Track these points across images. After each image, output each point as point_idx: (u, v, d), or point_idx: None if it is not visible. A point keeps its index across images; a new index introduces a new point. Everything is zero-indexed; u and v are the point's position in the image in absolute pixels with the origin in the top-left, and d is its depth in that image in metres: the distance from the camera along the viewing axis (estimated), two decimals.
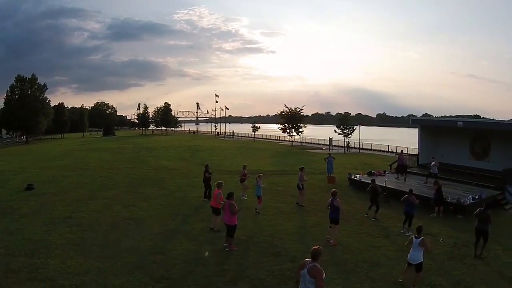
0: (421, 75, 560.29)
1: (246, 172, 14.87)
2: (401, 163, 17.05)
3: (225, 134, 74.39)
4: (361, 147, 39.62)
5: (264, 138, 60.71)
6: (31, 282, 6.73)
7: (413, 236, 7.07)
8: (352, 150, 37.45)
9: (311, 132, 66.65)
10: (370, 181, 12.85)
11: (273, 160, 29.64)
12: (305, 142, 48.91)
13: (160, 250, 8.58)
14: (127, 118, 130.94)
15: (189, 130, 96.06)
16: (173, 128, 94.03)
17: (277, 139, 56.21)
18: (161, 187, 16.72)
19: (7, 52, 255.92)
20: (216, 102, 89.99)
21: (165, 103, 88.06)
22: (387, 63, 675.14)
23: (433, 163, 15.63)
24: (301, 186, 13.60)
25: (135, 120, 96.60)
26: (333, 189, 10.04)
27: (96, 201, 13.43)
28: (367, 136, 62.55)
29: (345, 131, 40.07)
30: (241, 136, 69.20)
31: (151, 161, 27.03)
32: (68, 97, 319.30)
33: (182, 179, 18.73)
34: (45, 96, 60.71)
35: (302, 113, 45.36)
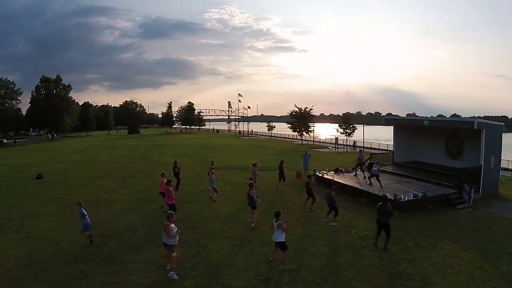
0: (452, 74, 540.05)
1: (213, 167, 17.95)
2: (361, 161, 19.10)
3: (245, 133, 78.17)
4: (367, 146, 41.20)
5: (280, 137, 63.36)
6: (16, 234, 10.63)
7: (274, 220, 8.71)
8: (358, 149, 39.17)
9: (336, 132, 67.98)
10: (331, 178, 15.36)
11: (269, 157, 32.38)
12: (316, 141, 50.95)
13: (112, 220, 12.14)
14: (159, 116, 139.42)
15: (213, 128, 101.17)
16: (198, 127, 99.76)
17: (293, 138, 58.52)
18: (148, 178, 20.40)
19: (38, 51, 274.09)
20: (239, 101, 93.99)
21: (189, 102, 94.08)
22: (418, 62, 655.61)
23: (375, 168, 16.77)
24: (253, 179, 16.32)
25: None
26: (250, 181, 12.73)
27: (88, 188, 17.41)
28: (390, 136, 62.54)
29: (346, 131, 41.96)
30: (260, 135, 72.47)
31: (156, 157, 31.19)
32: (100, 94, 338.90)
33: (171, 172, 22.25)
34: (69, 95, 67.67)
35: (311, 113, 47.52)
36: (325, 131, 70.81)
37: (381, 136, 47.17)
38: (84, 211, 9.99)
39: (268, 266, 8.71)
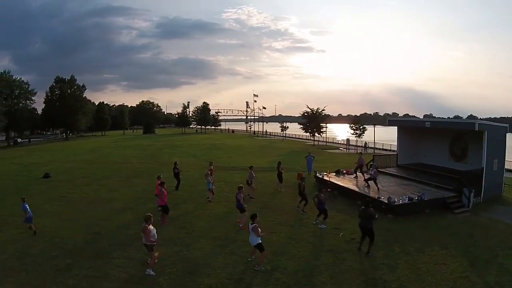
0: (468, 75, 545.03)
1: (212, 168, 18.54)
2: (360, 163, 19.16)
3: (259, 134, 78.96)
4: (379, 147, 41.15)
5: (294, 138, 63.51)
6: (16, 229, 11.58)
7: (250, 222, 8.98)
8: (369, 150, 39.06)
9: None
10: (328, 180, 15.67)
11: (277, 158, 32.21)
12: (329, 142, 50.89)
13: (107, 219, 12.90)
14: (176, 116, 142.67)
15: (228, 128, 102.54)
16: (214, 127, 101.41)
17: (306, 139, 58.57)
18: (151, 178, 20.97)
19: (55, 50, 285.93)
20: (255, 101, 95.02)
21: (204, 102, 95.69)
22: (435, 63, 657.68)
23: (372, 171, 16.88)
24: (250, 182, 16.76)
25: None
26: (239, 185, 13.13)
27: (91, 187, 18.38)
28: None
29: (356, 132, 42.08)
30: (274, 135, 72.85)
31: (164, 157, 32.12)
32: (118, 94, 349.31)
33: (172, 173, 22.99)
34: (84, 95, 70.15)
35: (323, 114, 47.69)
36: (341, 132, 70.45)
37: (395, 137, 46.83)
38: (26, 206, 11.29)
39: (244, 267, 9.07)
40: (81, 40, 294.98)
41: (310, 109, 47.85)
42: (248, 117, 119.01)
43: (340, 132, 70.94)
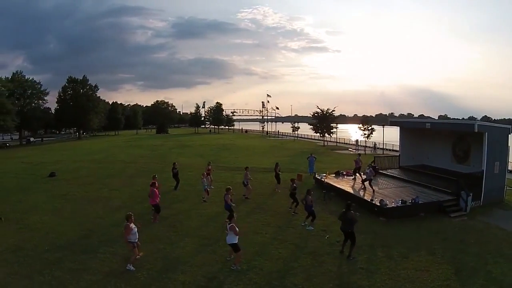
0: (483, 75, 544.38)
1: (209, 168, 19.06)
2: (358, 165, 19.23)
3: (272, 133, 79.44)
4: (389, 148, 41.05)
5: (306, 138, 63.47)
6: (15, 225, 12.43)
7: (228, 222, 9.36)
8: (378, 151, 38.93)
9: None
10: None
11: (284, 159, 32.66)
12: (339, 143, 50.81)
13: (102, 217, 13.60)
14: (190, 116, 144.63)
15: (241, 128, 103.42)
16: (227, 127, 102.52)
17: (317, 139, 58.44)
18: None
19: (70, 50, 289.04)
20: (268, 102, 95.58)
21: (217, 102, 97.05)
22: (451, 63, 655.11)
23: (368, 170, 16.98)
24: (245, 182, 17.14)
25: None
26: (227, 186, 13.52)
27: (93, 186, 19.22)
28: None
29: (365, 132, 42.14)
30: (286, 136, 73.03)
31: (171, 157, 32.73)
32: (133, 94, 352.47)
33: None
34: (98, 95, 72.23)
35: (334, 114, 47.78)
36: (355, 132, 69.98)
37: None
38: None
39: (221, 266, 9.42)
40: (96, 40, 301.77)
41: (321, 110, 47.98)
42: (264, 117, 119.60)
43: (353, 132, 70.46)
